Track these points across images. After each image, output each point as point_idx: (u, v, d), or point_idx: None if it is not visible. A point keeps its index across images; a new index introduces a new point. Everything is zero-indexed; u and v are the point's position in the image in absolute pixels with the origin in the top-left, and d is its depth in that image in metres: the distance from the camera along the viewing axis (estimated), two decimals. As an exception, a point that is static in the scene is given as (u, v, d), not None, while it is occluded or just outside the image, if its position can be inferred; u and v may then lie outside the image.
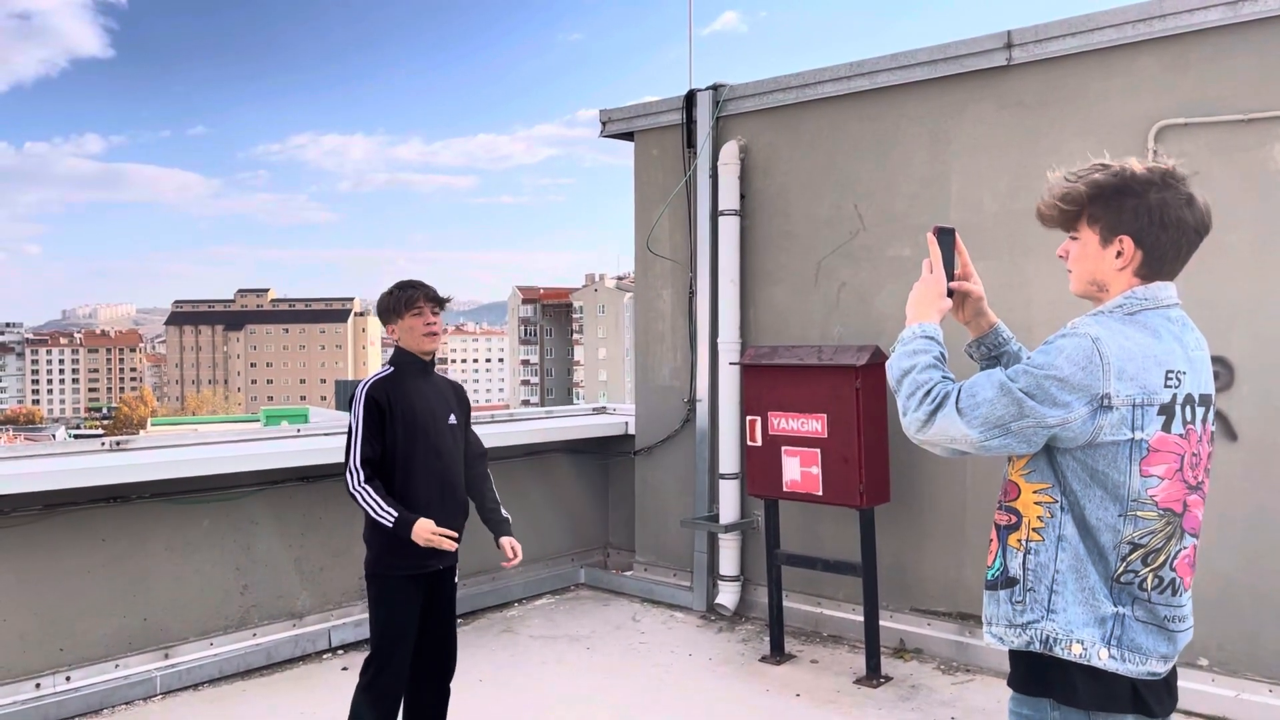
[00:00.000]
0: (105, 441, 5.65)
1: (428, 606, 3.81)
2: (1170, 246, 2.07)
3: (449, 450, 3.84)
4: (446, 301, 3.90)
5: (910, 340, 2.18)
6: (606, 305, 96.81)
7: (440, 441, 3.80)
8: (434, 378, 3.91)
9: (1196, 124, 4.67)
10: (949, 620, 5.47)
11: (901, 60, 5.60)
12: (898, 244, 5.64)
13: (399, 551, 3.67)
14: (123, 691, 4.88)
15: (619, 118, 7.01)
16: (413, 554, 3.65)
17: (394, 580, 3.71)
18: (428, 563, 3.72)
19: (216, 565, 5.39)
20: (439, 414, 3.83)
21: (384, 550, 3.72)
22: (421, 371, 3.85)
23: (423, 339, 3.81)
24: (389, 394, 3.72)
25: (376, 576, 3.75)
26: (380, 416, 3.68)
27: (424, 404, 3.78)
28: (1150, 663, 2.03)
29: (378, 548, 3.74)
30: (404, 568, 3.70)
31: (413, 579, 3.72)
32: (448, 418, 3.86)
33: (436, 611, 3.85)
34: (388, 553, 3.70)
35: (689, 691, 5.08)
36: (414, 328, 3.79)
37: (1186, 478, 2.05)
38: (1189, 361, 2.07)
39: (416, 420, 3.73)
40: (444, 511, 3.74)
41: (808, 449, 5.33)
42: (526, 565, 6.87)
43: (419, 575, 3.73)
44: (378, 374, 3.85)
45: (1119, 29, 4.85)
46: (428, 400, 3.80)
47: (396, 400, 3.72)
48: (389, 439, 3.69)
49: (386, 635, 3.72)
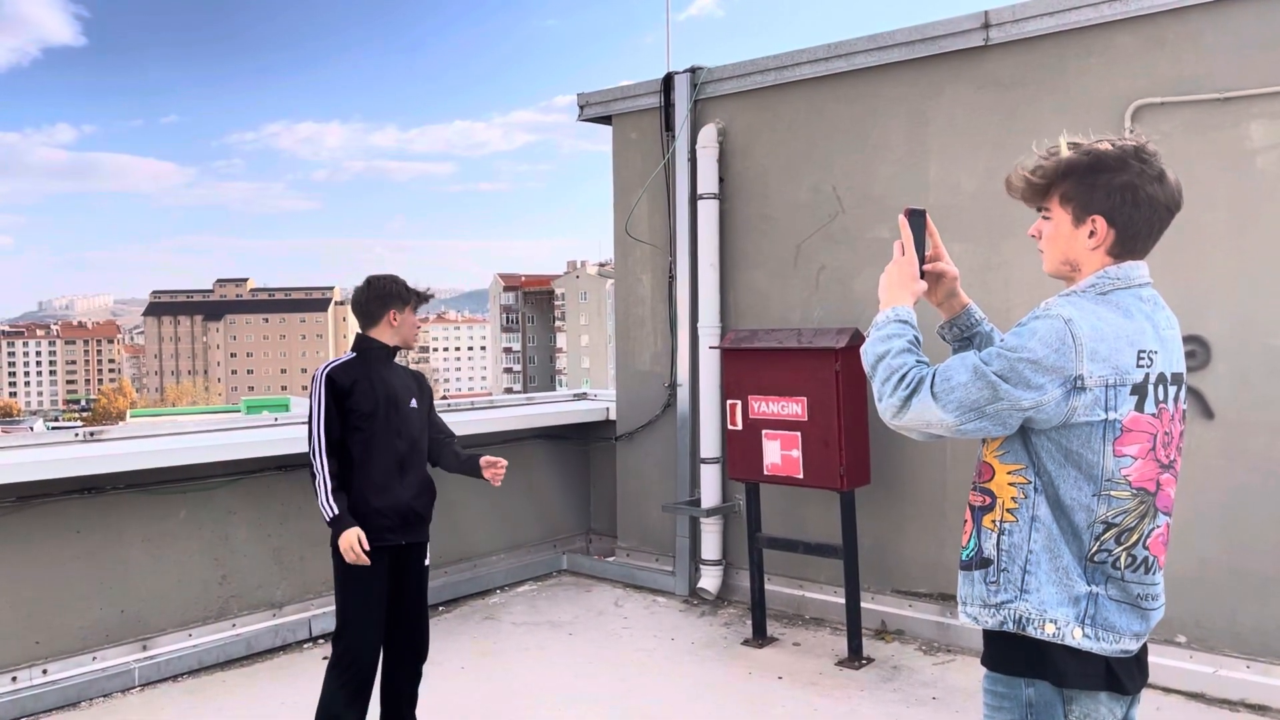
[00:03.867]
0: (80, 432, 5.60)
1: (397, 588, 3.85)
2: (1143, 224, 2.06)
3: (410, 432, 3.91)
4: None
5: (884, 325, 2.16)
6: (588, 292, 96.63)
7: (402, 424, 3.87)
8: (396, 365, 4.00)
9: (1173, 103, 4.67)
10: (930, 601, 5.49)
11: (879, 41, 5.58)
12: (877, 226, 5.63)
13: (358, 522, 3.70)
14: (101, 684, 4.84)
15: (597, 101, 6.97)
16: (373, 525, 3.72)
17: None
18: (388, 536, 3.77)
19: (194, 556, 5.35)
20: (401, 397, 3.89)
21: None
22: (387, 358, 3.93)
23: (413, 334, 3.98)
24: (351, 376, 3.78)
25: (340, 549, 3.76)
26: (339, 398, 3.74)
27: (385, 387, 3.84)
28: (1123, 641, 2.03)
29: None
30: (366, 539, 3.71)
31: (377, 551, 3.74)
32: (409, 401, 3.93)
33: (406, 592, 3.90)
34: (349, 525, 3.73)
35: (672, 676, 5.09)
36: (411, 323, 3.96)
37: (1159, 457, 2.05)
38: (1160, 341, 2.06)
39: (378, 401, 3.79)
40: (406, 491, 3.83)
41: (788, 432, 5.33)
42: (508, 552, 6.87)
43: (381, 549, 3.76)
44: (339, 358, 3.92)
45: (1096, 8, 4.85)
46: (389, 384, 3.87)
47: (358, 381, 3.78)
48: (349, 420, 3.75)
49: (350, 605, 3.76)
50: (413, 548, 3.90)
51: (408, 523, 3.84)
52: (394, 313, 3.90)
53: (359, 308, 3.95)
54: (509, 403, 8.12)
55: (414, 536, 3.88)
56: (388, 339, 3.91)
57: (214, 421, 6.62)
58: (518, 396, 8.36)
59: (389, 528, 3.77)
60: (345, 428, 3.75)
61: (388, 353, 3.93)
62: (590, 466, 7.46)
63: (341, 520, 3.65)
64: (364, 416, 3.76)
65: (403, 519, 3.82)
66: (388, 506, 3.77)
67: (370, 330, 3.91)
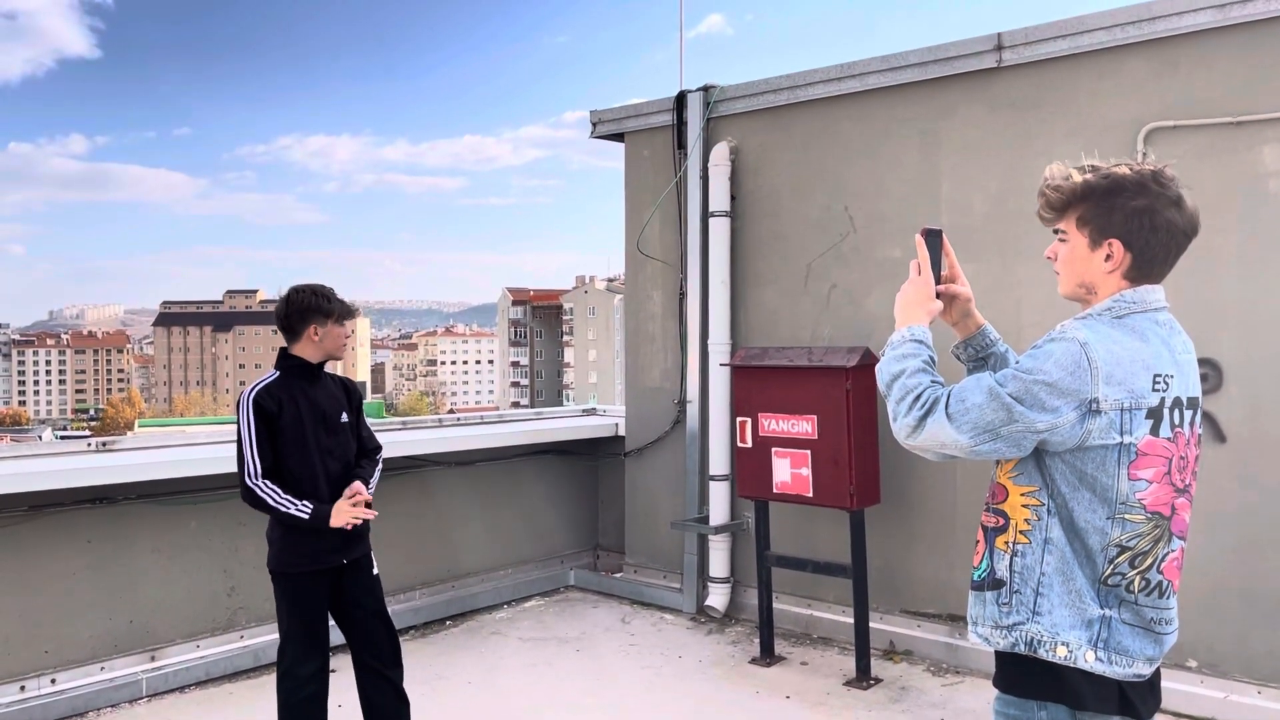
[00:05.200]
0: (91, 442, 5.61)
1: (344, 600, 3.83)
2: (1159, 249, 2.07)
3: (344, 451, 3.85)
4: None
5: (899, 344, 2.17)
6: (597, 307, 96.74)
7: (334, 444, 3.81)
8: (324, 379, 3.88)
9: (1185, 126, 4.68)
10: (939, 622, 5.47)
11: (892, 62, 5.61)
12: (888, 245, 5.64)
13: (298, 549, 3.70)
14: (108, 694, 4.85)
15: (609, 119, 7.00)
16: (313, 550, 3.70)
17: (295, 577, 3.73)
18: (329, 558, 3.74)
19: (204, 567, 5.36)
20: (331, 415, 3.81)
21: (284, 548, 3.74)
22: (311, 375, 3.81)
23: (339, 349, 3.84)
24: (277, 399, 3.70)
25: (278, 574, 3.76)
26: (268, 421, 3.67)
27: (312, 407, 3.75)
28: (1136, 665, 2.03)
29: (278, 545, 3.76)
30: (305, 564, 3.71)
31: (318, 574, 3.72)
32: (339, 416, 3.85)
33: (356, 603, 3.85)
34: (288, 550, 3.72)
35: (679, 694, 5.07)
36: (338, 337, 3.82)
37: (1174, 481, 2.05)
38: (1176, 365, 2.06)
39: (304, 423, 3.72)
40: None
41: (798, 450, 5.32)
42: (514, 568, 6.86)
43: (322, 571, 3.74)
44: (263, 380, 3.79)
45: (1109, 31, 4.86)
46: (316, 403, 3.78)
47: (284, 404, 3.70)
48: (279, 442, 3.68)
49: (288, 633, 3.75)
50: (356, 563, 3.84)
51: (348, 541, 3.76)
52: (315, 327, 3.76)
53: (279, 322, 3.83)
54: (517, 417, 8.13)
55: (354, 552, 3.82)
56: (310, 355, 3.78)
57: (224, 433, 6.64)
58: (526, 411, 8.37)
59: (329, 549, 3.72)
60: (277, 453, 3.67)
61: (311, 369, 3.80)
62: (598, 482, 7.46)
63: (319, 511, 3.62)
64: (294, 441, 3.68)
65: (343, 539, 3.74)
66: (326, 530, 3.68)
67: (294, 346, 3.79)
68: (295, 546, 3.70)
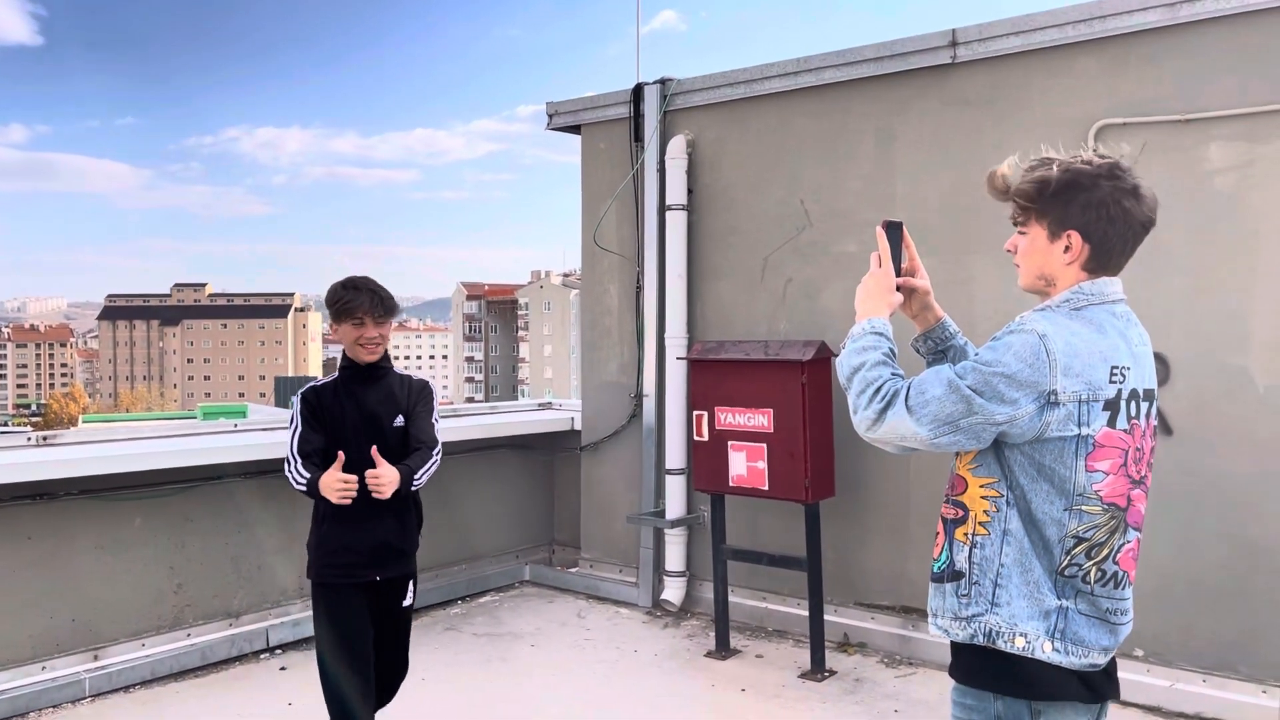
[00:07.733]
0: (31, 437, 5.46)
1: (375, 630, 3.65)
2: (1117, 240, 2.08)
3: (386, 453, 3.50)
4: (393, 310, 3.60)
5: (860, 337, 2.17)
6: (552, 302, 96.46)
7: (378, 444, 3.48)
8: (383, 381, 3.65)
9: (1135, 123, 4.74)
10: (892, 614, 5.51)
11: (848, 57, 5.63)
12: (844, 240, 5.66)
13: (329, 559, 3.58)
14: (50, 694, 4.72)
15: (566, 110, 6.96)
16: (346, 563, 3.55)
17: (327, 587, 3.61)
18: (361, 573, 3.58)
19: (149, 564, 5.24)
20: (381, 417, 3.60)
21: (316, 557, 3.62)
22: (361, 379, 3.61)
23: (357, 349, 3.56)
24: (323, 402, 3.58)
25: (313, 584, 3.66)
26: (317, 416, 3.57)
27: (358, 408, 3.57)
28: (1092, 655, 2.05)
29: (312, 553, 3.64)
30: (338, 576, 3.58)
31: (353, 588, 3.57)
32: (392, 420, 3.61)
33: (383, 636, 3.71)
34: (319, 559, 3.61)
35: (634, 687, 5.06)
36: (347, 336, 3.56)
37: (1130, 472, 2.07)
38: (1133, 357, 2.08)
39: (344, 424, 3.55)
40: (381, 526, 3.58)
41: (754, 444, 5.33)
42: (469, 562, 6.81)
43: (356, 585, 3.58)
44: (319, 381, 3.69)
45: (1060, 29, 4.92)
46: (364, 404, 3.58)
47: (329, 404, 3.57)
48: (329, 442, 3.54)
49: (324, 642, 3.62)
50: (391, 585, 3.66)
51: (378, 557, 3.59)
52: (334, 325, 3.61)
53: None
54: (472, 411, 8.05)
55: (389, 570, 3.62)
56: (351, 355, 3.60)
57: (170, 428, 6.51)
58: (481, 405, 8.30)
59: (361, 564, 3.55)
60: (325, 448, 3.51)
61: (360, 372, 3.60)
62: (554, 477, 7.42)
63: (313, 481, 3.41)
64: (333, 443, 3.48)
65: (373, 553, 3.57)
66: (358, 542, 3.54)
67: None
68: (326, 556, 3.57)
